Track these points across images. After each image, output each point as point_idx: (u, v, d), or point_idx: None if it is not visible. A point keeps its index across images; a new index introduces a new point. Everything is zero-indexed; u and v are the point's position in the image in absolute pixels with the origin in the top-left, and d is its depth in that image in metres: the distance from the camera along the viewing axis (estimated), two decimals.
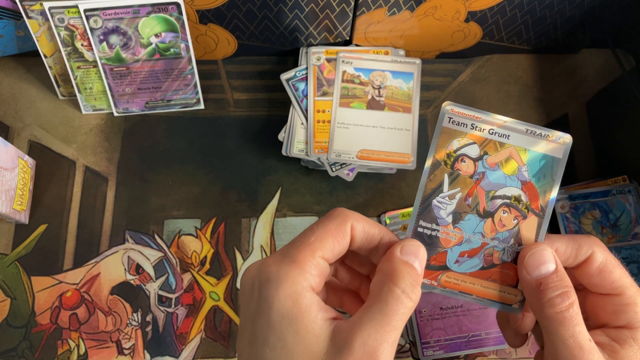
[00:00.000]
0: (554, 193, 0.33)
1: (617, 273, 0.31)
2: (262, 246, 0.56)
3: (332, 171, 0.56)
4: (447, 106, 0.32)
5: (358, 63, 0.57)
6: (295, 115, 0.56)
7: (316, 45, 0.59)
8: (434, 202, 0.32)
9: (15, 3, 0.50)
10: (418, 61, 0.57)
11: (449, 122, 0.32)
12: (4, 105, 0.59)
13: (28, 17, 0.51)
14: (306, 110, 0.56)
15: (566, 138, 0.33)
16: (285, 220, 0.57)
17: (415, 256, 0.30)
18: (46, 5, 0.50)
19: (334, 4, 0.53)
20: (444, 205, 0.32)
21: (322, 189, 0.58)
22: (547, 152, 0.32)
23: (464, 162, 0.32)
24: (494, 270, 0.33)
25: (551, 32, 0.60)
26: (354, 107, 0.56)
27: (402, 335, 0.53)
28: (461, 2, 0.53)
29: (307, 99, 0.56)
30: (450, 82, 0.63)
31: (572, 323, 0.29)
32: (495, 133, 0.32)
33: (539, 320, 0.31)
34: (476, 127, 0.32)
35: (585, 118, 0.62)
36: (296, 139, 0.56)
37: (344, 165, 0.56)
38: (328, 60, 0.57)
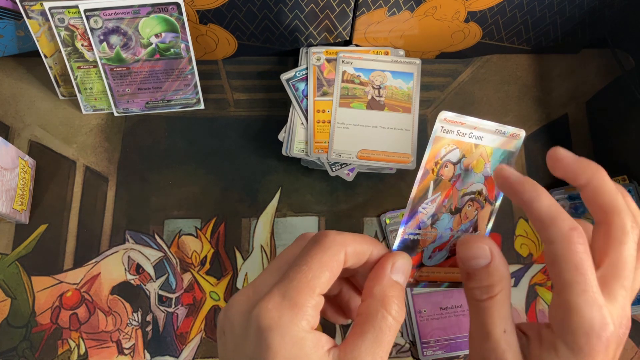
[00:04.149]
0: None
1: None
2: (262, 246, 0.56)
3: (332, 171, 0.56)
4: (442, 115, 0.33)
5: (358, 63, 0.57)
6: (295, 115, 0.56)
7: (316, 45, 0.59)
8: (419, 208, 0.33)
9: (16, 3, 0.50)
10: (418, 61, 0.57)
11: (441, 130, 0.33)
12: (5, 105, 0.59)
13: (28, 17, 0.51)
14: (306, 110, 0.56)
15: (521, 133, 0.35)
16: (285, 220, 0.57)
17: (404, 272, 0.31)
18: (46, 5, 0.50)
19: (334, 4, 0.53)
20: (426, 210, 0.33)
21: (322, 189, 0.58)
22: (505, 147, 0.35)
23: (447, 167, 0.34)
24: (455, 257, 0.35)
25: (551, 32, 0.60)
26: (354, 107, 0.56)
27: (402, 335, 0.54)
28: (461, 2, 0.53)
29: (307, 99, 0.56)
30: (450, 82, 0.63)
31: (486, 313, 0.30)
32: (473, 136, 0.34)
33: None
34: (460, 132, 0.33)
35: (585, 118, 0.62)
36: (296, 139, 0.56)
37: (344, 165, 0.56)
38: (328, 61, 0.57)
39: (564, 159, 0.32)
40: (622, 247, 0.30)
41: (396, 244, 0.33)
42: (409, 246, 0.34)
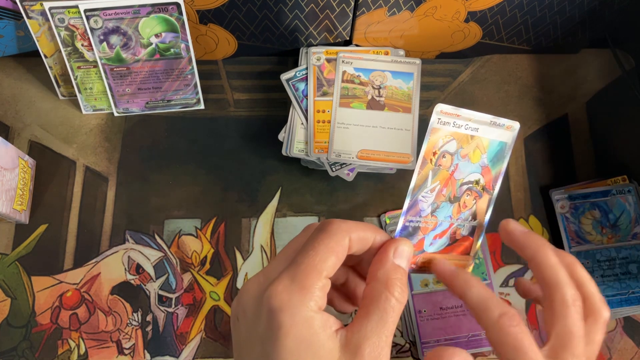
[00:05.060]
0: (502, 172, 0.37)
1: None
2: (262, 246, 0.56)
3: (332, 171, 0.56)
4: (438, 107, 0.35)
5: (358, 63, 0.57)
6: (295, 115, 0.56)
7: (316, 45, 0.59)
8: (419, 197, 0.35)
9: (16, 3, 0.50)
10: (418, 61, 0.57)
11: (438, 122, 0.35)
12: (5, 105, 0.59)
13: (28, 17, 0.51)
14: (306, 110, 0.56)
15: (515, 125, 0.37)
16: (285, 220, 0.57)
17: (406, 257, 0.33)
18: (46, 5, 0.50)
19: (334, 4, 0.53)
20: (426, 199, 0.35)
21: (322, 189, 0.58)
22: (501, 138, 0.36)
23: (445, 157, 0.35)
24: (455, 244, 0.37)
25: (551, 32, 0.60)
26: (354, 107, 0.56)
27: (402, 335, 0.54)
28: (461, 2, 0.53)
29: (307, 99, 0.56)
30: (450, 82, 0.63)
31: None
32: (469, 128, 0.35)
33: None
34: (456, 124, 0.35)
35: (585, 118, 0.62)
36: (296, 139, 0.56)
37: (344, 165, 0.56)
38: (328, 61, 0.57)
39: (512, 232, 0.35)
40: (565, 320, 0.32)
41: (398, 230, 0.35)
42: (410, 233, 0.35)
